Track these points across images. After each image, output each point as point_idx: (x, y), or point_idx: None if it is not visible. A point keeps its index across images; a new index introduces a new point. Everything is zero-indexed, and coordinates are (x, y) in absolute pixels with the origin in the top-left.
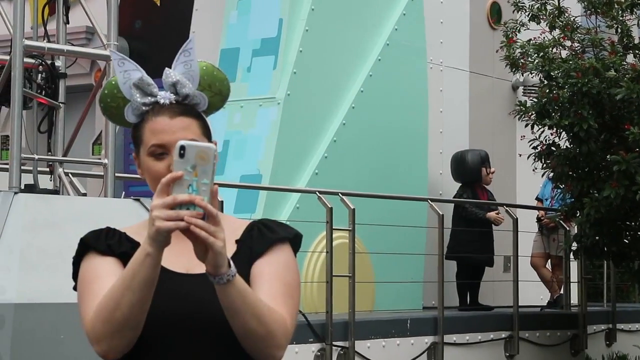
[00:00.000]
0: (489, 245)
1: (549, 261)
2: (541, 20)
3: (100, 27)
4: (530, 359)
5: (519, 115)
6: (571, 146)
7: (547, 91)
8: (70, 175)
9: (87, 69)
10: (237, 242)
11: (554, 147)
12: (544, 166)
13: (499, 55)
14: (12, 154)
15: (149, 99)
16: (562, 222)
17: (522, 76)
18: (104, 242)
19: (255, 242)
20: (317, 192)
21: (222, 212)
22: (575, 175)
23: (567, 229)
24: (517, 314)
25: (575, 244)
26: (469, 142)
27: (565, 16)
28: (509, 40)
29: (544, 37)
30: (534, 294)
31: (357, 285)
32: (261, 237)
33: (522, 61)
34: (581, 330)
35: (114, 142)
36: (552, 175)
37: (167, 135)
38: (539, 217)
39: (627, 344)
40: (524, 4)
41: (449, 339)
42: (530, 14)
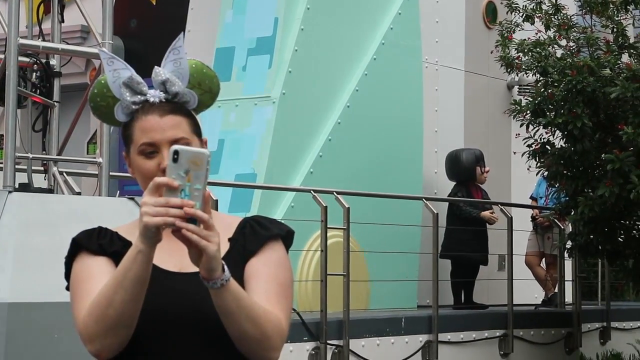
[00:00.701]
0: (483, 244)
1: (544, 260)
2: (536, 19)
3: (95, 26)
4: (524, 358)
5: (514, 114)
6: (566, 145)
7: (542, 90)
8: (64, 174)
9: (82, 67)
10: (230, 240)
11: (548, 146)
12: (539, 165)
13: (494, 56)
14: (6, 153)
15: (139, 97)
16: (556, 220)
17: (517, 76)
18: (95, 241)
19: (248, 240)
20: (312, 191)
21: (216, 210)
22: (569, 174)
23: (562, 227)
24: (512, 313)
25: (569, 243)
26: (464, 141)
27: (561, 14)
28: (509, 36)
29: (539, 37)
30: (529, 292)
31: (351, 283)
32: (254, 235)
33: (517, 61)
34: (575, 328)
35: (108, 141)
36: (546, 174)
37: (157, 133)
38: (534, 215)
39: (621, 342)
40: (517, 4)
41: (444, 337)
42: (524, 15)
